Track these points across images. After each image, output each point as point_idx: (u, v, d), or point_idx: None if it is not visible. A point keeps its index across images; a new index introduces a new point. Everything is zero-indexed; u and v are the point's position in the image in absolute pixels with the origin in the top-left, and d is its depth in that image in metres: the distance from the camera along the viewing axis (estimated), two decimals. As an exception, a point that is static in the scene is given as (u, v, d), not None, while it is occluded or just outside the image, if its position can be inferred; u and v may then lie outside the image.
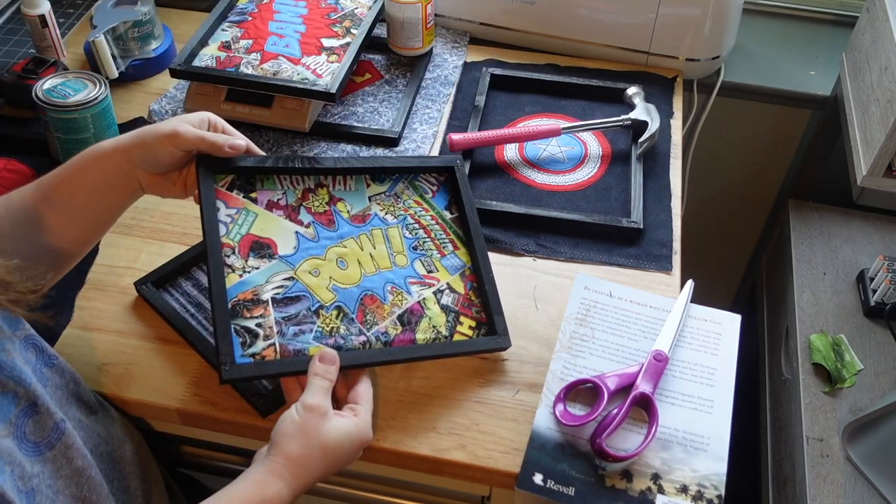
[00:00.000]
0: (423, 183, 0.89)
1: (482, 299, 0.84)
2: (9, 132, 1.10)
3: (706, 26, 1.17)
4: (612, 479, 0.76)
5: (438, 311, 0.82)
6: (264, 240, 0.79)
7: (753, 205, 1.51)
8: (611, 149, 1.11)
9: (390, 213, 0.86)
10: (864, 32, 1.11)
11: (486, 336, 0.83)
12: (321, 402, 0.69)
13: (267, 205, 0.81)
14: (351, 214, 0.84)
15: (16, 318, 0.69)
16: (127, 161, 0.75)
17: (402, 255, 0.84)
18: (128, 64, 1.18)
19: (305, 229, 0.81)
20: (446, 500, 0.91)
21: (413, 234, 0.86)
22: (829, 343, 1.03)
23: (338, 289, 0.79)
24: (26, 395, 0.65)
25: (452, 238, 0.87)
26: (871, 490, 0.91)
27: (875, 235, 1.18)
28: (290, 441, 0.67)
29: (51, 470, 0.66)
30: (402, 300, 0.81)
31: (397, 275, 0.82)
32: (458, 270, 0.85)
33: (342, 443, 0.69)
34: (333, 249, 0.81)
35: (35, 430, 0.65)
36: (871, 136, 1.01)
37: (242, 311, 0.75)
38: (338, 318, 0.77)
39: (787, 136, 1.38)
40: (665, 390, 0.82)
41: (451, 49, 1.26)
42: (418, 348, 0.79)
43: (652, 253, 0.98)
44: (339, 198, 0.84)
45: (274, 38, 1.13)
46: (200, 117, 0.77)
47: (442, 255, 0.85)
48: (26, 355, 0.69)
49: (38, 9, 1.13)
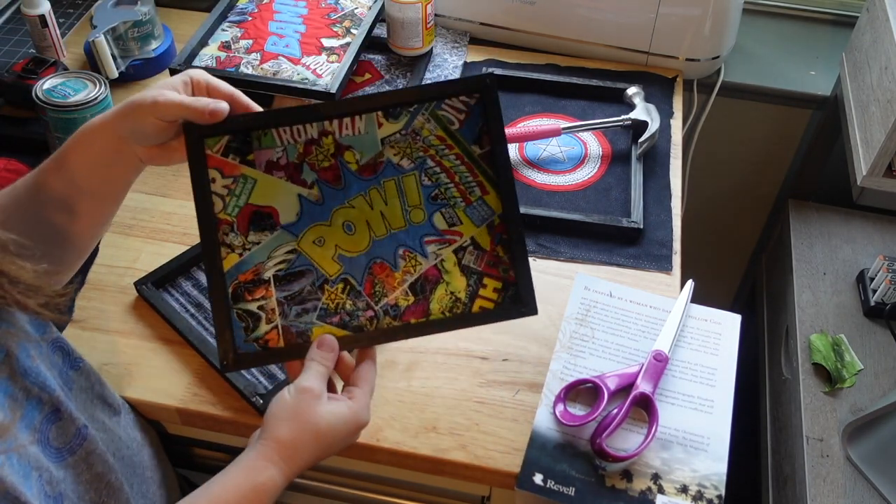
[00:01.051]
0: (448, 111, 0.75)
1: (511, 254, 0.73)
2: (9, 132, 1.10)
3: (706, 26, 1.17)
4: (612, 479, 0.76)
5: (458, 274, 0.73)
6: (265, 208, 0.72)
7: (753, 205, 1.51)
8: (611, 149, 1.11)
9: (406, 157, 0.74)
10: (864, 32, 1.11)
11: (512, 300, 0.73)
12: (315, 384, 0.67)
13: (266, 166, 0.73)
14: (360, 165, 0.73)
15: (44, 321, 0.69)
16: (117, 137, 0.70)
17: (418, 210, 0.74)
18: (128, 64, 1.18)
19: (309, 191, 0.73)
20: (446, 500, 0.91)
21: (433, 179, 0.74)
22: (829, 343, 1.03)
23: (344, 258, 0.72)
24: (50, 401, 0.65)
25: (481, 180, 0.74)
26: (871, 490, 0.91)
27: (875, 235, 1.18)
28: (281, 424, 0.66)
29: (73, 475, 0.66)
30: (416, 265, 0.73)
31: (412, 234, 0.73)
32: (485, 221, 0.74)
33: (335, 426, 0.66)
34: (340, 211, 0.73)
35: (58, 436, 0.65)
36: (871, 136, 1.01)
37: (244, 295, 0.71)
38: (344, 293, 0.72)
39: (787, 136, 1.38)
40: (665, 390, 0.82)
41: (451, 49, 1.26)
42: (430, 323, 0.72)
43: (652, 253, 0.98)
44: (347, 145, 0.73)
45: (274, 38, 1.13)
46: (183, 79, 0.71)
47: (467, 204, 0.74)
48: (53, 359, 0.69)
49: (38, 9, 1.13)
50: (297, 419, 0.66)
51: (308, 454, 0.66)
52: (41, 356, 0.66)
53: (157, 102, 0.68)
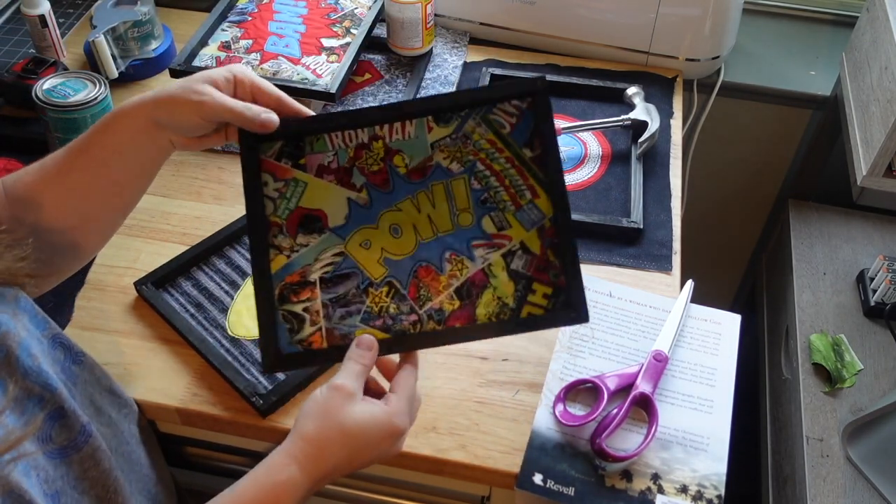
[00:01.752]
0: (500, 115, 0.74)
1: (563, 259, 0.71)
2: (9, 132, 1.10)
3: (706, 26, 1.17)
4: (611, 479, 0.76)
5: (506, 279, 0.71)
6: (314, 211, 0.72)
7: (753, 205, 1.51)
8: (611, 149, 1.11)
9: (456, 161, 0.73)
10: (864, 32, 1.11)
11: (563, 306, 0.70)
12: (348, 382, 0.64)
13: (317, 170, 0.73)
14: (409, 168, 0.73)
15: (43, 318, 0.69)
16: (152, 122, 0.69)
17: (466, 213, 0.72)
18: (128, 64, 1.18)
19: (358, 194, 0.72)
20: (446, 500, 0.91)
21: (483, 183, 0.73)
22: (829, 343, 1.03)
23: (389, 262, 0.71)
24: (52, 400, 0.64)
25: (532, 183, 0.73)
26: (871, 490, 0.91)
27: (875, 235, 1.18)
28: (308, 420, 0.63)
29: (77, 472, 0.66)
30: (463, 269, 0.71)
31: (459, 238, 0.72)
32: (535, 224, 0.72)
33: (366, 427, 0.63)
34: (387, 215, 0.72)
35: (61, 434, 0.65)
36: (871, 136, 1.01)
37: (290, 296, 0.70)
38: (388, 296, 0.71)
39: (787, 136, 1.38)
40: (665, 390, 0.82)
41: (451, 49, 1.26)
42: (476, 328, 0.70)
43: (652, 253, 0.98)
44: (397, 149, 0.73)
45: (274, 38, 1.13)
46: (226, 75, 0.70)
47: (517, 207, 0.72)
48: (55, 354, 0.69)
49: (38, 9, 1.13)
50: (325, 416, 0.63)
51: (335, 455, 0.63)
52: (42, 353, 0.66)
53: (203, 103, 0.67)
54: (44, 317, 0.69)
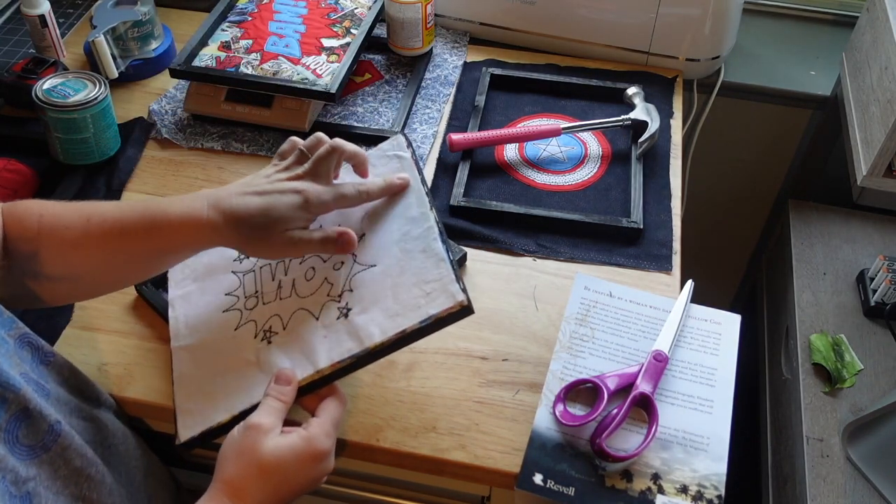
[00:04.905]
0: None
1: None
2: (9, 132, 1.10)
3: (706, 26, 1.17)
4: (612, 479, 0.76)
5: None
6: None
7: (753, 205, 1.51)
8: (611, 149, 1.11)
9: None
10: (864, 32, 1.11)
11: None
12: (264, 420, 0.66)
13: None
14: None
15: (9, 318, 0.68)
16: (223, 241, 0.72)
17: None
18: (128, 64, 1.18)
19: None
20: (446, 500, 0.91)
21: None
22: (829, 343, 1.03)
23: None
24: (16, 401, 0.63)
25: None
26: (871, 490, 0.91)
27: (875, 235, 1.18)
28: (226, 464, 0.65)
29: (48, 472, 0.65)
30: None
31: None
32: None
33: (283, 459, 0.65)
34: None
35: (28, 434, 0.64)
36: (871, 136, 1.01)
37: None
38: None
39: (787, 136, 1.38)
40: (665, 390, 0.82)
41: (451, 49, 1.26)
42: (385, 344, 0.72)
43: (652, 253, 0.98)
44: None
45: (274, 38, 1.13)
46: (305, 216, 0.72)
47: None
48: (21, 354, 0.68)
49: (38, 9, 1.13)
50: (242, 456, 0.65)
51: (259, 491, 0.64)
52: (6, 354, 0.65)
53: (287, 253, 0.74)
54: (10, 316, 0.68)
